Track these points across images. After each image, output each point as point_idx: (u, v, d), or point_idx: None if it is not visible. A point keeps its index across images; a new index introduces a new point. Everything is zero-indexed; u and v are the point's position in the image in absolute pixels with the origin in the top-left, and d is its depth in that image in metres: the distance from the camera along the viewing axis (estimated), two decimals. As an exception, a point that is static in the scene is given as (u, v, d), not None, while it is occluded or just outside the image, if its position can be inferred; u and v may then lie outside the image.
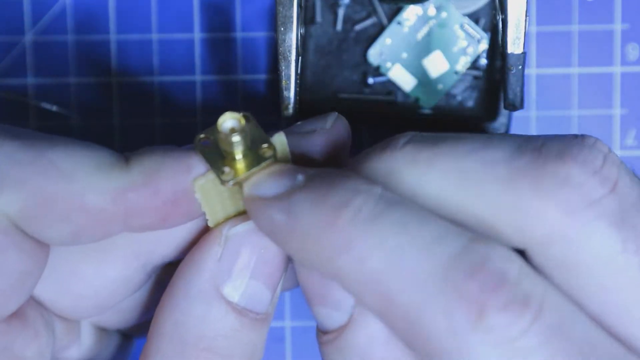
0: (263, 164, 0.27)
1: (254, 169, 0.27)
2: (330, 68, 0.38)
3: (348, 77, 0.38)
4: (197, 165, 0.27)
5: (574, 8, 0.38)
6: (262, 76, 0.38)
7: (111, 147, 0.37)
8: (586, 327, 0.24)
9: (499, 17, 0.35)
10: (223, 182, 0.27)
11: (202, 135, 0.27)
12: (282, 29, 0.33)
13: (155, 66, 0.38)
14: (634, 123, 0.38)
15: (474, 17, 0.37)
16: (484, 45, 0.37)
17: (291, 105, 0.34)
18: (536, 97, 0.38)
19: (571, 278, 0.25)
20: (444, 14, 0.37)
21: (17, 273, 0.27)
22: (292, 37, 0.33)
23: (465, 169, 0.25)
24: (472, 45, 0.37)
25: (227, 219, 0.28)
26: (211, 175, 0.27)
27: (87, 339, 0.32)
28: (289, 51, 0.33)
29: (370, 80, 0.38)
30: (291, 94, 0.34)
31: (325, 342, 0.27)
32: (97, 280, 0.29)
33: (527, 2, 0.33)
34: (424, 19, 0.37)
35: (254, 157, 0.27)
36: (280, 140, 0.28)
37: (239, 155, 0.27)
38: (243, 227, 0.28)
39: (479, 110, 0.38)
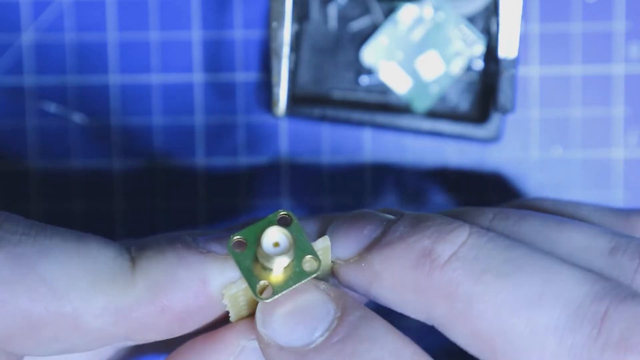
0: (304, 280, 0.23)
1: (295, 285, 0.23)
2: (324, 66, 0.37)
3: (342, 76, 0.37)
4: (214, 276, 0.24)
5: (576, 6, 0.38)
6: (263, 75, 0.38)
7: (110, 147, 0.37)
8: None
9: (495, 20, 0.35)
10: (260, 299, 0.23)
11: (236, 237, 0.24)
12: (275, 24, 0.33)
13: (154, 65, 0.38)
14: (638, 122, 0.38)
15: (471, 19, 0.37)
16: (479, 48, 0.37)
17: (281, 102, 0.33)
18: (539, 96, 0.38)
19: None
20: (440, 15, 0.37)
21: None
22: (284, 33, 0.33)
23: None
24: (467, 47, 0.37)
25: (251, 314, 0.26)
26: (243, 284, 0.24)
27: None
28: (281, 47, 0.33)
29: (364, 80, 0.37)
30: (282, 90, 0.33)
31: None
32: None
33: (522, 6, 0.33)
34: (421, 19, 0.37)
35: (295, 270, 0.23)
36: (324, 247, 0.24)
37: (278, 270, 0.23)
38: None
39: (473, 113, 0.37)
